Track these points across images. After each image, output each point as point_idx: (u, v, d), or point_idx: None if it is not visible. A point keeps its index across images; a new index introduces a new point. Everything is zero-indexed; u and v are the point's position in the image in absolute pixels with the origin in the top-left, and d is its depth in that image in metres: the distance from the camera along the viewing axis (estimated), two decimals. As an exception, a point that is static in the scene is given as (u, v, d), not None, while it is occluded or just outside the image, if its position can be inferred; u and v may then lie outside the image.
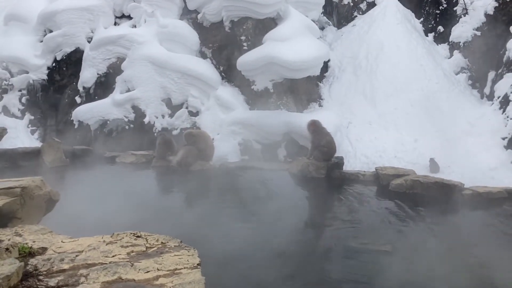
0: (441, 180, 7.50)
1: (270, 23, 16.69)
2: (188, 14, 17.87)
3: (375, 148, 15.75)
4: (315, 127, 9.11)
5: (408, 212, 6.62)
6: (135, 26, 17.71)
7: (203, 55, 17.21)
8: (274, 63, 15.53)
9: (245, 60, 15.93)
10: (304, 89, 16.87)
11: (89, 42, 17.78)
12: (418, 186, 7.38)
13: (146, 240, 4.25)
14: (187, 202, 6.85)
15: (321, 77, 17.87)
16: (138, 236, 4.31)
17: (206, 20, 17.36)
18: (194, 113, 15.74)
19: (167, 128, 15.56)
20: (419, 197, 7.15)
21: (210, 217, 5.98)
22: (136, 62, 16.23)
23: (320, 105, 17.28)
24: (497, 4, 17.79)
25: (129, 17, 18.26)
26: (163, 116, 15.80)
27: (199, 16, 17.40)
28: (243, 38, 16.57)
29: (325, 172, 8.65)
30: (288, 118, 15.40)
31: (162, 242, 4.22)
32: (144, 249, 4.08)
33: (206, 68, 16.24)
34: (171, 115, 15.79)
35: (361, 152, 15.87)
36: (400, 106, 16.42)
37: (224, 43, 16.94)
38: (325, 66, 17.90)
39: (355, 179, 8.43)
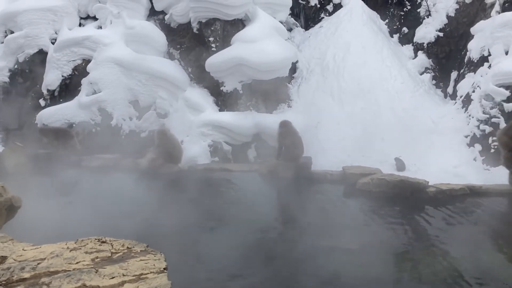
0: (406, 178, 7.69)
1: (238, 24, 16.72)
2: (155, 15, 17.70)
3: (343, 148, 15.98)
4: (285, 128, 9.17)
5: (374, 211, 6.75)
6: (100, 27, 17.38)
7: (171, 56, 17.07)
8: (242, 64, 15.56)
9: (214, 62, 15.89)
10: (273, 90, 16.94)
11: (53, 43, 17.34)
12: (384, 184, 7.53)
13: (112, 245, 4.18)
14: (154, 205, 6.79)
15: (289, 78, 18.00)
16: (103, 242, 4.23)
17: (174, 21, 17.24)
18: (162, 115, 15.57)
19: (135, 130, 15.34)
20: (385, 195, 7.30)
21: (177, 220, 5.93)
22: (102, 64, 15.93)
23: (289, 106, 17.40)
24: (457, 6, 18.37)
25: (94, 18, 17.92)
26: (130, 119, 15.57)
27: (167, 17, 17.27)
28: (211, 39, 16.53)
29: (294, 172, 8.72)
30: (257, 119, 15.45)
31: (128, 247, 4.15)
32: (109, 254, 4.01)
33: (174, 70, 16.11)
34: (139, 118, 15.57)
35: (329, 152, 16.06)
36: (367, 106, 16.72)
37: (192, 44, 16.86)
38: (294, 67, 18.05)
39: (323, 179, 8.54)
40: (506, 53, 15.46)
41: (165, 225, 5.82)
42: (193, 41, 16.80)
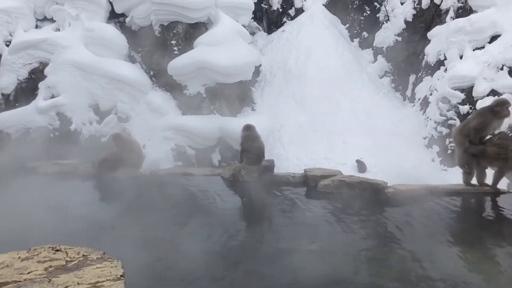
0: (366, 180, 7.83)
1: (201, 27, 16.66)
2: (116, 18, 17.40)
3: (306, 150, 16.21)
4: (247, 131, 9.19)
5: (335, 212, 6.84)
6: (58, 30, 16.86)
7: (132, 60, 16.81)
8: (205, 67, 15.52)
9: (176, 65, 15.77)
10: (236, 93, 16.97)
11: (7, 45, 16.69)
12: (344, 186, 7.64)
13: (66, 253, 4.05)
14: (110, 212, 6.64)
15: (253, 81, 18.08)
16: (57, 250, 4.10)
17: (135, 24, 16.99)
18: (123, 119, 15.30)
19: (95, 135, 14.98)
20: (345, 196, 7.40)
21: (134, 226, 5.83)
22: (61, 67, 15.47)
23: (253, 109, 17.49)
24: (415, 12, 18.98)
25: (51, 20, 17.36)
26: (90, 123, 15.20)
27: (127, 19, 17.00)
28: (173, 42, 16.39)
29: (257, 175, 8.72)
30: (221, 122, 15.43)
31: (83, 255, 4.04)
32: (64, 263, 3.89)
33: (135, 73, 15.87)
34: (99, 122, 15.23)
35: (293, 155, 16.26)
36: (328, 109, 17.01)
37: (154, 47, 16.65)
38: (257, 71, 18.15)
39: (286, 181, 8.57)
40: (461, 57, 16.11)
41: (123, 232, 5.70)
42: (155, 44, 16.60)
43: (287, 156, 16.28)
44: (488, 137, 8.11)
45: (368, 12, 20.41)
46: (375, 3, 20.13)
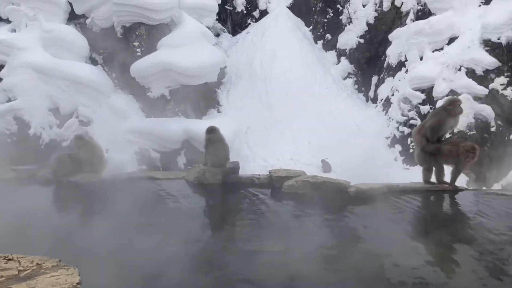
0: (329, 180, 7.91)
1: (164, 29, 16.46)
2: (76, 19, 16.96)
3: (273, 152, 16.28)
4: (211, 134, 9.10)
5: (299, 212, 6.87)
6: (14, 31, 16.28)
7: (93, 62, 16.44)
8: (169, 69, 15.36)
9: (139, 67, 15.54)
10: (202, 95, 16.86)
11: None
12: (308, 186, 7.69)
13: (19, 262, 3.89)
14: (68, 218, 6.44)
15: (218, 83, 18.01)
16: (9, 259, 3.93)
17: (96, 25, 16.62)
18: (85, 123, 14.95)
19: (55, 139, 14.55)
20: (309, 197, 7.43)
21: (93, 232, 5.67)
22: (17, 69, 14.94)
23: (218, 111, 17.43)
24: (376, 14, 19.38)
25: (7, 21, 16.75)
26: (50, 127, 14.75)
27: (88, 21, 16.60)
28: (136, 44, 16.14)
29: (221, 177, 8.66)
30: (186, 125, 15.29)
31: (37, 264, 3.88)
32: (16, 272, 3.73)
33: (96, 75, 15.52)
34: (59, 126, 14.80)
35: (259, 156, 16.30)
36: (293, 111, 17.13)
37: (116, 49, 16.33)
38: (222, 73, 18.09)
39: (251, 183, 8.54)
40: (421, 58, 16.57)
41: (80, 238, 5.54)
42: (117, 46, 16.29)
43: (254, 158, 16.31)
44: (447, 136, 8.37)
45: (331, 15, 20.69)
46: (338, 6, 20.44)
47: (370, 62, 19.53)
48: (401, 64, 17.45)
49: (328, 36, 20.47)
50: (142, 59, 15.64)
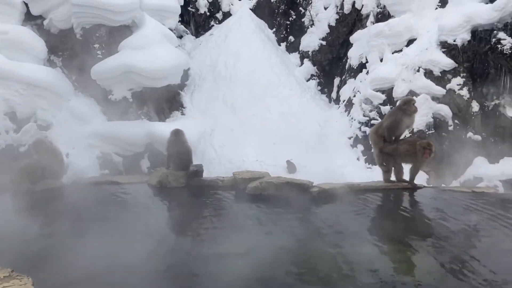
0: (292, 180, 7.97)
1: (125, 30, 16.18)
2: (32, 20, 16.40)
3: (238, 153, 16.28)
4: (174, 136, 9.00)
5: (262, 214, 6.88)
6: (-33, 33, 15.62)
7: (52, 64, 15.96)
8: (131, 71, 15.12)
9: (100, 69, 15.22)
10: (165, 97, 16.68)
11: None
12: (272, 187, 7.71)
13: (-31, 274, 3.74)
14: (24, 226, 6.21)
15: (182, 85, 17.86)
16: (-42, 271, 3.77)
17: (54, 26, 16.14)
18: (44, 127, 14.48)
19: (12, 145, 14.03)
20: (273, 198, 7.47)
21: (51, 240, 5.50)
22: (-30, 72, 14.33)
23: (182, 114, 17.28)
24: (338, 16, 19.71)
25: (-42, 22, 16.07)
26: (7, 132, 14.19)
27: (46, 22, 16.10)
28: (96, 46, 15.79)
29: (185, 181, 8.58)
30: (150, 128, 15.07)
31: (-12, 275, 3.74)
32: (-34, 285, 3.58)
33: (55, 78, 15.06)
34: (16, 131, 14.26)
35: (225, 158, 16.26)
36: (258, 112, 17.22)
37: (76, 51, 15.94)
38: (186, 75, 17.96)
39: (215, 186, 8.49)
40: (381, 60, 16.96)
41: (38, 247, 5.36)
42: (77, 48, 15.90)
43: (219, 160, 16.26)
44: (404, 135, 8.59)
45: (294, 17, 20.90)
46: (300, 8, 20.66)
47: (332, 64, 19.84)
48: (362, 66, 17.80)
49: (291, 38, 20.68)
50: (103, 61, 15.32)
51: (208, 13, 20.68)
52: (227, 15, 20.60)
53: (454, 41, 15.14)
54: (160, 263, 5.17)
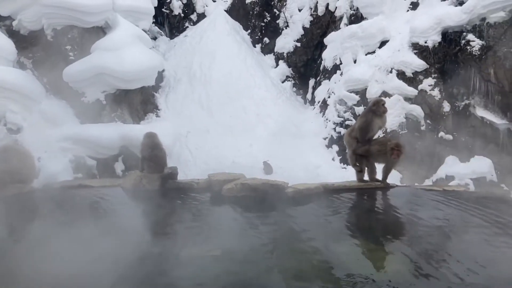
0: (267, 181, 7.97)
1: (98, 32, 15.95)
2: (1, 21, 16.01)
3: (215, 155, 16.21)
4: (148, 139, 8.91)
5: (237, 215, 6.87)
6: None
7: (22, 66, 15.59)
8: (104, 73, 14.90)
9: (72, 71, 14.96)
10: (139, 100, 16.51)
11: None
12: (247, 188, 7.70)
13: None
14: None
15: (156, 87, 17.69)
16: None
17: (24, 27, 15.78)
18: (14, 131, 14.11)
19: (-19, 149, 13.63)
20: (249, 199, 7.46)
21: (20, 247, 5.36)
22: None
23: (157, 116, 17.11)
24: (312, 18, 19.87)
25: None
26: (-25, 136, 13.82)
27: (15, 23, 15.73)
28: (68, 47, 15.51)
29: (159, 183, 8.48)
30: (124, 130, 14.88)
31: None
32: None
33: (25, 80, 14.71)
34: (-15, 134, 13.89)
35: (201, 160, 16.17)
36: (234, 114, 17.20)
37: (47, 53, 15.63)
38: (160, 76, 17.80)
39: (190, 188, 8.42)
40: (355, 61, 17.17)
41: (6, 254, 5.22)
42: (48, 50, 15.58)
43: (195, 162, 16.15)
44: (378, 135, 8.71)
45: (269, 19, 20.98)
46: (275, 10, 20.76)
47: (307, 65, 19.99)
48: (336, 67, 17.99)
49: (266, 39, 20.75)
50: (75, 63, 15.07)
51: (182, 15, 20.56)
52: (201, 16, 20.53)
53: (426, 42, 15.44)
54: (132, 267, 5.10)
